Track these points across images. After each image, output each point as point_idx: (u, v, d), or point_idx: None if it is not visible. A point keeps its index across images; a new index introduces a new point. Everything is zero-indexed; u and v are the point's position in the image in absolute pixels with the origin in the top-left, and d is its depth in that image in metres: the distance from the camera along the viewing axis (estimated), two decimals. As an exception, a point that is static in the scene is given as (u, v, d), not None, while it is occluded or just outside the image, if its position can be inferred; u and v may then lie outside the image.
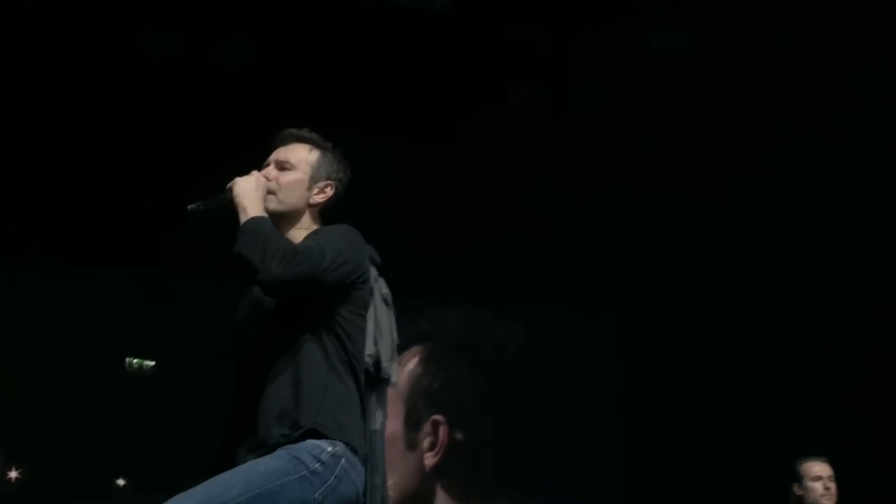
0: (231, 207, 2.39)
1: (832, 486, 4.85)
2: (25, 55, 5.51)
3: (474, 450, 7.60)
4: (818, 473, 4.88)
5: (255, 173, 2.46)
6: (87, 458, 6.18)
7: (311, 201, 2.53)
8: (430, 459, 7.49)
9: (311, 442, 2.27)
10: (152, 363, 2.75)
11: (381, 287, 3.73)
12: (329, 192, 2.54)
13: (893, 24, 5.64)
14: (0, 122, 5.58)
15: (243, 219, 2.35)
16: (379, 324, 3.74)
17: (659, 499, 7.13)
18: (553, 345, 7.72)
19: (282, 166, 2.51)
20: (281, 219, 2.48)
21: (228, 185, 2.43)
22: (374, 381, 3.84)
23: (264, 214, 2.38)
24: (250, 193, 2.39)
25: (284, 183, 2.49)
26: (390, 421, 6.91)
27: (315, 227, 2.51)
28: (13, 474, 5.93)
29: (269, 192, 2.45)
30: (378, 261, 3.91)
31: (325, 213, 2.57)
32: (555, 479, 7.25)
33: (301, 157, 2.52)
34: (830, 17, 5.65)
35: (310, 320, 2.35)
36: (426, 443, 7.51)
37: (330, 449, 2.27)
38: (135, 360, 2.75)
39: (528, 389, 7.58)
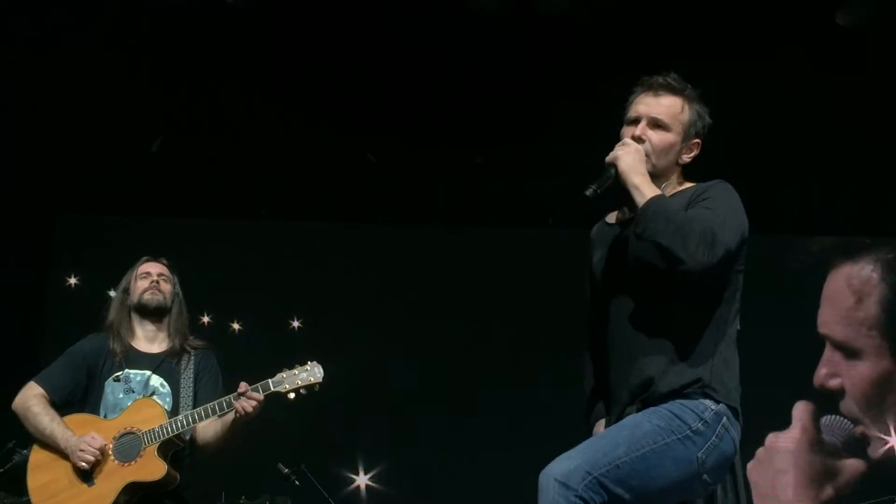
0: (618, 183, 2.36)
1: None
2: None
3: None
4: None
5: (630, 143, 2.40)
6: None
7: (681, 161, 2.48)
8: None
9: (696, 401, 2.30)
10: None
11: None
12: (696, 150, 2.48)
13: None
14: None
15: (639, 199, 2.32)
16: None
17: None
18: None
19: (655, 123, 2.43)
20: (651, 179, 2.42)
21: (608, 158, 2.38)
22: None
23: (657, 191, 2.34)
24: (636, 168, 2.35)
25: (658, 145, 2.42)
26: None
27: (679, 181, 2.48)
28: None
29: (644, 152, 2.41)
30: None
31: (687, 166, 2.52)
32: None
33: (674, 114, 2.44)
34: None
35: (698, 282, 2.28)
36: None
37: (713, 408, 2.29)
38: None
39: None
